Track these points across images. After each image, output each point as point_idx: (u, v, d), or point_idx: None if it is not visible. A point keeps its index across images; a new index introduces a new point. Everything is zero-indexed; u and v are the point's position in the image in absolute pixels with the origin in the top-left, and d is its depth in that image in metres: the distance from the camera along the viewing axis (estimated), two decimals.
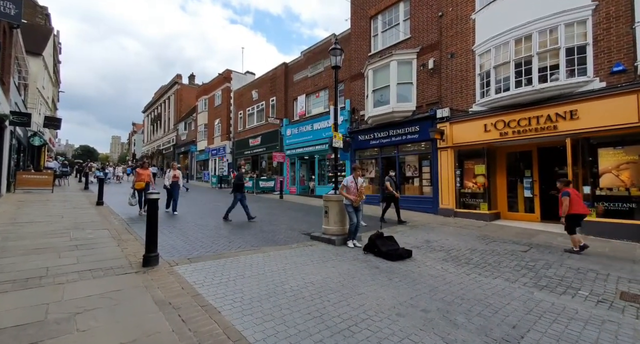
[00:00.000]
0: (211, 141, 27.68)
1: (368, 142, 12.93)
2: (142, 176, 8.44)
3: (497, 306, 3.32)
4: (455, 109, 10.07)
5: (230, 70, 26.02)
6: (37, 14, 22.86)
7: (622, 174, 6.96)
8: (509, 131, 8.67)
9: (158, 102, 44.96)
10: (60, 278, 3.59)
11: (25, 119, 11.69)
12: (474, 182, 9.68)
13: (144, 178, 8.40)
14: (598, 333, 2.79)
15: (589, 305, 3.41)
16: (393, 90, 11.34)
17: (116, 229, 6.29)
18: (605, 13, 7.17)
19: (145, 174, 8.48)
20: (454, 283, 4.01)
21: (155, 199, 4.21)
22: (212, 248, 5.41)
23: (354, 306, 3.20)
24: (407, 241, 6.34)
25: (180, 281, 3.70)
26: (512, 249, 5.90)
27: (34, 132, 16.88)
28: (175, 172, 9.45)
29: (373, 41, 13.19)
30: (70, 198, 11.19)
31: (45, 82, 21.28)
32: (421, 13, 11.24)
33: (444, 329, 2.78)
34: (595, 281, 4.19)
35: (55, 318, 2.68)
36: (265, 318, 2.89)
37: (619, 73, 6.96)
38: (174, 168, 9.59)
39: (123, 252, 4.70)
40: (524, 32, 8.05)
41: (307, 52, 17.65)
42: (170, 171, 9.43)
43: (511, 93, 8.28)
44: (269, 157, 20.22)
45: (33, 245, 4.87)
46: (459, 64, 10.03)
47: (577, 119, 7.46)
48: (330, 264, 4.72)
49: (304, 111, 17.42)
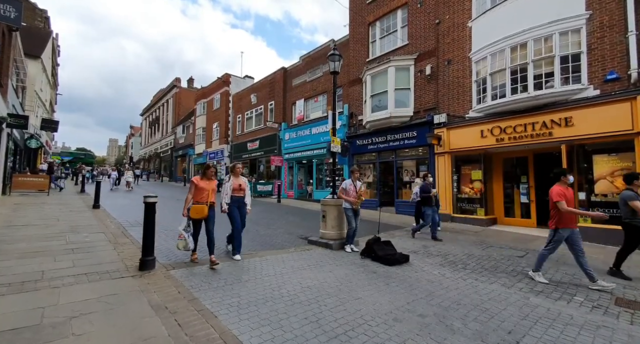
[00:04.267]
0: (209, 144, 27.68)
1: (366, 147, 12.99)
2: (203, 192, 4.62)
3: (494, 311, 3.33)
4: (452, 115, 10.16)
5: (229, 74, 26.15)
6: (37, 16, 22.93)
7: (617, 181, 7.03)
8: (505, 137, 8.75)
9: (156, 105, 44.98)
10: (56, 281, 3.56)
11: (23, 121, 11.67)
12: (471, 188, 9.74)
13: (206, 197, 4.64)
14: (593, 338, 2.81)
15: (584, 311, 3.43)
16: (391, 95, 11.44)
17: (112, 233, 6.26)
18: (599, 22, 7.31)
19: (208, 190, 4.69)
20: (450, 288, 4.03)
21: (153, 203, 4.20)
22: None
23: (350, 311, 3.20)
24: (404, 245, 6.35)
25: (176, 285, 3.69)
26: (509, 254, 5.93)
27: (30, 135, 16.81)
28: (240, 181, 5.15)
29: (371, 47, 13.34)
30: (66, 201, 11.12)
31: (43, 84, 21.26)
32: (419, 20, 11.40)
33: (441, 334, 2.79)
34: (590, 286, 4.21)
35: (51, 322, 2.66)
36: (262, 322, 2.88)
37: (612, 81, 7.08)
38: (236, 173, 5.19)
39: (119, 256, 4.68)
40: (520, 40, 8.18)
41: (306, 57, 17.78)
42: (230, 179, 5.10)
43: (507, 100, 8.39)
44: (267, 161, 20.25)
45: (29, 248, 4.84)
46: (455, 70, 10.16)
47: (572, 126, 7.55)
48: (328, 268, 4.72)
49: (302, 116, 17.49)
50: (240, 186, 5.11)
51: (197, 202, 4.60)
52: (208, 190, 4.68)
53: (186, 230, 4.56)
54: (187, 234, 4.52)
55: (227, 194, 4.96)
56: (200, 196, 4.62)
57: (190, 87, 40.65)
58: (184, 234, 4.49)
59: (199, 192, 4.62)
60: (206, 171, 4.83)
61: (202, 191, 4.63)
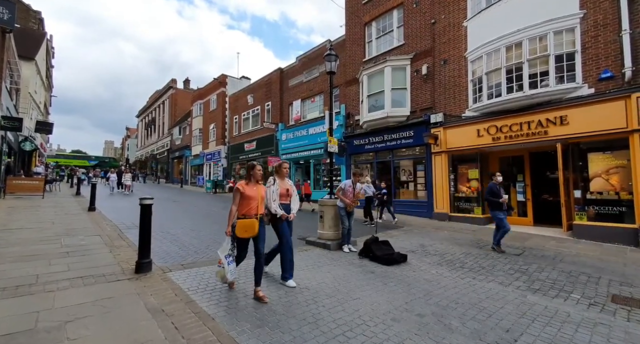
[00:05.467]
0: (206, 145, 27.59)
1: (363, 146, 13.00)
2: (252, 202, 3.53)
3: (491, 309, 3.34)
4: (448, 115, 10.19)
5: (226, 75, 26.09)
6: (31, 18, 22.73)
7: (612, 178, 7.09)
8: (501, 136, 8.79)
9: (152, 106, 44.76)
10: (50, 285, 3.52)
11: (17, 123, 11.57)
12: (468, 187, 9.77)
13: (255, 208, 3.55)
14: (590, 336, 2.82)
15: (581, 308, 3.44)
16: (387, 95, 11.46)
17: (108, 236, 6.21)
18: (593, 21, 7.36)
19: (257, 198, 3.58)
20: (448, 287, 4.03)
21: (149, 205, 4.17)
22: (206, 254, 5.36)
23: (349, 312, 3.19)
24: (402, 245, 6.36)
25: (173, 287, 3.66)
26: (506, 252, 5.95)
27: (25, 137, 16.67)
28: (287, 185, 4.12)
29: (368, 47, 13.36)
30: (61, 204, 11.03)
31: (38, 86, 21.08)
32: (414, 20, 11.43)
33: (439, 333, 2.79)
34: (587, 284, 4.24)
35: (46, 326, 2.62)
36: (260, 324, 2.86)
37: (607, 79, 7.13)
38: (282, 174, 4.15)
39: (115, 259, 4.64)
40: (515, 39, 8.22)
41: (302, 58, 17.77)
42: (275, 183, 3.99)
43: (503, 99, 8.43)
44: (264, 161, 20.19)
45: (23, 252, 4.78)
46: (451, 70, 10.19)
47: (567, 125, 7.60)
48: (326, 269, 4.71)
49: (299, 116, 17.48)
50: (287, 191, 4.07)
51: (243, 215, 3.47)
52: (257, 199, 3.56)
53: (229, 254, 3.47)
54: (228, 260, 3.43)
55: (275, 201, 3.88)
56: (247, 208, 3.48)
57: (186, 88, 40.49)
58: (223, 260, 3.42)
59: (246, 203, 3.49)
60: (253, 171, 3.62)
61: (249, 201, 3.50)
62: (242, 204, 3.50)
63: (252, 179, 3.63)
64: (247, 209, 3.49)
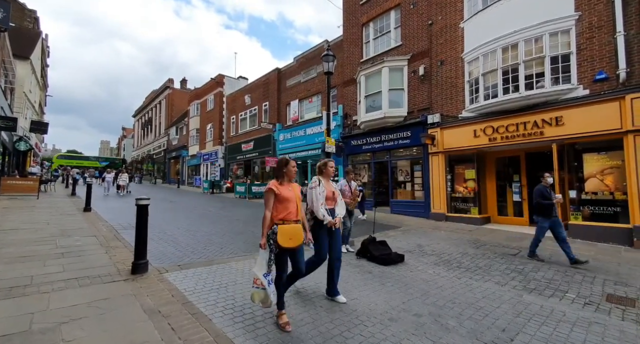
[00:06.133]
0: (203, 145, 27.50)
1: (361, 147, 13.02)
2: (289, 205, 2.94)
3: (488, 309, 3.36)
4: (445, 115, 10.24)
5: (223, 75, 26.03)
6: (26, 17, 22.56)
7: (607, 179, 7.16)
8: (498, 136, 8.85)
9: (149, 106, 44.55)
10: (45, 286, 3.49)
11: (11, 123, 11.47)
12: (465, 187, 9.82)
13: (295, 212, 2.97)
14: (585, 335, 2.85)
15: (576, 307, 3.47)
16: (385, 96, 11.49)
17: (104, 236, 6.16)
18: (588, 23, 7.43)
19: (295, 200, 3.00)
20: (445, 287, 4.05)
21: (145, 205, 4.14)
22: (203, 254, 5.34)
23: (346, 312, 3.19)
24: (399, 245, 6.37)
25: (170, 288, 3.64)
26: (502, 252, 5.99)
27: (19, 137, 16.52)
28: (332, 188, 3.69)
29: (365, 48, 13.39)
30: (56, 204, 10.93)
31: (33, 86, 20.91)
32: (412, 21, 11.48)
33: (436, 333, 2.80)
34: (582, 283, 4.27)
35: (40, 327, 2.60)
36: (257, 324, 2.86)
37: (601, 81, 7.20)
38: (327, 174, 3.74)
39: (111, 260, 4.61)
40: (511, 40, 8.28)
41: (300, 58, 17.77)
42: (321, 184, 3.48)
43: (499, 100, 8.48)
44: (261, 162, 20.16)
45: (17, 253, 4.73)
46: (448, 71, 10.24)
47: (563, 125, 7.67)
48: (323, 269, 4.70)
49: (297, 116, 17.48)
50: (333, 194, 3.59)
51: (282, 220, 2.86)
52: (295, 200, 2.97)
53: (268, 272, 2.79)
54: (268, 280, 2.77)
55: (322, 204, 3.36)
56: (286, 212, 2.89)
57: (183, 88, 40.36)
58: (262, 279, 2.76)
59: (283, 206, 2.90)
60: (286, 168, 3.02)
61: (287, 203, 2.91)
62: (278, 207, 2.89)
63: (285, 178, 3.03)
64: (285, 213, 2.88)
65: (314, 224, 3.35)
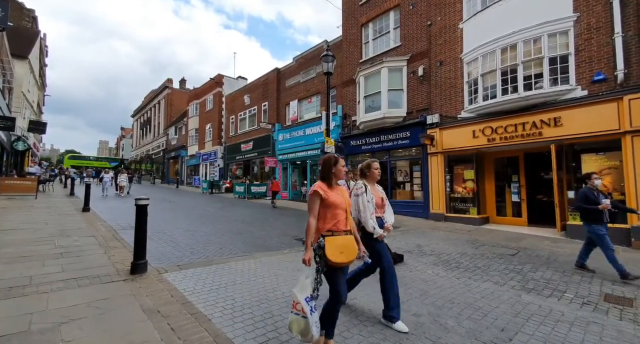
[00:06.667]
0: (202, 145, 27.47)
1: (360, 147, 13.03)
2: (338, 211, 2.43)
3: (486, 309, 3.37)
4: (444, 116, 10.26)
5: (222, 75, 26.03)
6: (24, 16, 22.49)
7: (605, 179, 7.17)
8: (497, 137, 8.87)
9: (148, 106, 44.47)
10: (44, 286, 3.48)
11: (9, 123, 11.43)
12: (464, 187, 9.84)
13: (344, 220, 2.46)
14: (583, 334, 2.86)
15: (574, 307, 3.48)
16: (384, 96, 11.50)
17: (103, 236, 6.15)
18: (587, 24, 7.46)
19: (345, 206, 2.47)
20: (444, 286, 4.06)
21: (145, 205, 4.14)
22: (202, 254, 5.34)
23: (346, 312, 3.20)
24: (399, 245, 6.38)
25: (169, 288, 3.64)
26: (501, 252, 6.00)
27: (17, 137, 16.47)
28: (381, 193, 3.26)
29: (364, 48, 13.40)
30: (55, 204, 10.90)
31: (31, 85, 20.85)
32: (411, 22, 11.49)
33: (435, 333, 2.81)
34: (580, 283, 4.29)
35: (40, 328, 2.59)
36: (257, 324, 2.86)
37: (600, 82, 7.23)
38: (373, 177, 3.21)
39: (110, 260, 4.60)
40: (510, 41, 8.30)
41: (299, 58, 17.78)
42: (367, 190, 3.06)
43: (498, 100, 8.51)
44: (261, 162, 20.16)
45: (16, 253, 4.72)
46: (447, 71, 10.26)
47: (561, 126, 7.69)
48: None
49: (296, 116, 17.48)
50: (382, 201, 3.15)
51: (330, 231, 2.36)
52: (344, 206, 2.47)
53: (312, 296, 2.25)
54: (311, 306, 2.21)
55: (373, 213, 2.95)
56: (334, 220, 2.40)
57: (182, 88, 40.30)
58: (303, 304, 2.20)
59: (332, 213, 2.40)
60: (335, 167, 2.50)
61: (335, 210, 2.41)
62: (325, 215, 2.39)
63: (334, 179, 2.51)
64: (334, 222, 2.38)
65: (363, 235, 2.87)
